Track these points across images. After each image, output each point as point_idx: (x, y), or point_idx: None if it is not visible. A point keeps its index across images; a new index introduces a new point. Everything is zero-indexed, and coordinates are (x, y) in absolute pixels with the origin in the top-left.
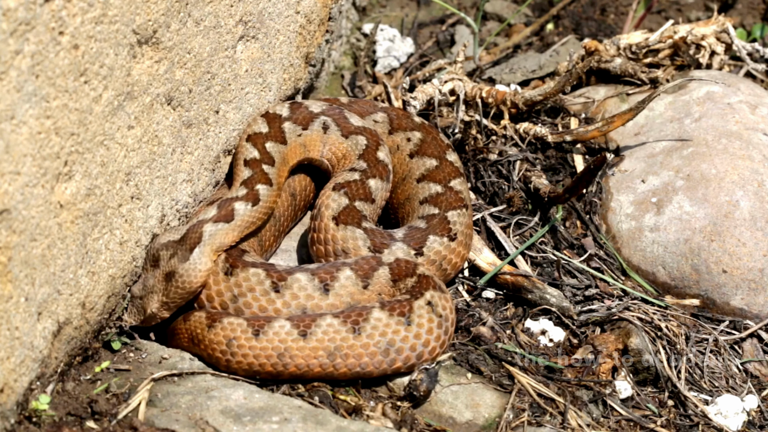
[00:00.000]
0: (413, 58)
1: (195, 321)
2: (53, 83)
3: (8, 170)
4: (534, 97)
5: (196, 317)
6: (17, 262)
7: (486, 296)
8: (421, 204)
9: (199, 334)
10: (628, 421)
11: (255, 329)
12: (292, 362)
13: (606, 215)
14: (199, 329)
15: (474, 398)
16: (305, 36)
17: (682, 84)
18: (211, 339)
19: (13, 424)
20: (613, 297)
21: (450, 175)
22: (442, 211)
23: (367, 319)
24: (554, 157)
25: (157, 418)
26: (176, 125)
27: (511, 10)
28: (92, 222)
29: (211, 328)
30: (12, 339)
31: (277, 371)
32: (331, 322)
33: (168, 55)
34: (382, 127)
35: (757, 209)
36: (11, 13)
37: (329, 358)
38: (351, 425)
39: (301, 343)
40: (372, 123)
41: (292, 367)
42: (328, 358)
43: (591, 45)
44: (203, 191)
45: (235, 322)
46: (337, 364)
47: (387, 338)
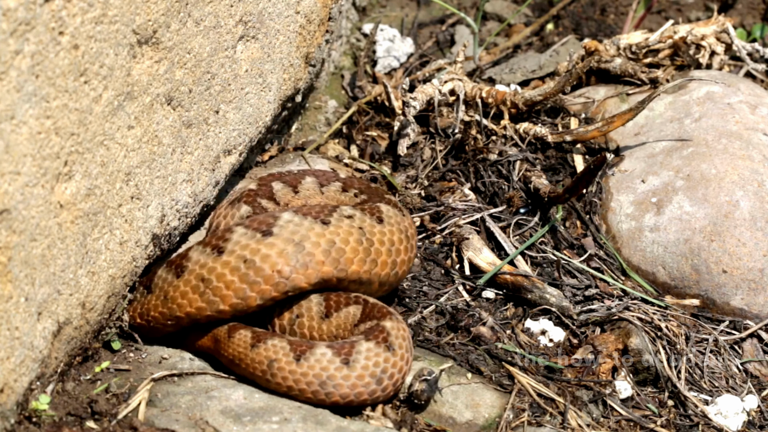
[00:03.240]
0: (413, 58)
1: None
2: (53, 83)
3: (8, 170)
4: (534, 97)
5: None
6: (17, 262)
7: (486, 296)
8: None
9: (242, 353)
10: (628, 421)
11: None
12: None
13: (606, 215)
14: (242, 348)
15: (474, 398)
16: (305, 36)
17: (682, 84)
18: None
19: (13, 424)
20: (613, 297)
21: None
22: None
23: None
24: (554, 157)
25: (157, 418)
26: (176, 125)
27: (511, 10)
28: (92, 222)
29: (254, 347)
30: (12, 339)
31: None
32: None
33: (168, 55)
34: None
35: (757, 209)
36: (11, 13)
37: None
38: (351, 425)
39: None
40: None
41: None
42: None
43: (591, 45)
44: (203, 191)
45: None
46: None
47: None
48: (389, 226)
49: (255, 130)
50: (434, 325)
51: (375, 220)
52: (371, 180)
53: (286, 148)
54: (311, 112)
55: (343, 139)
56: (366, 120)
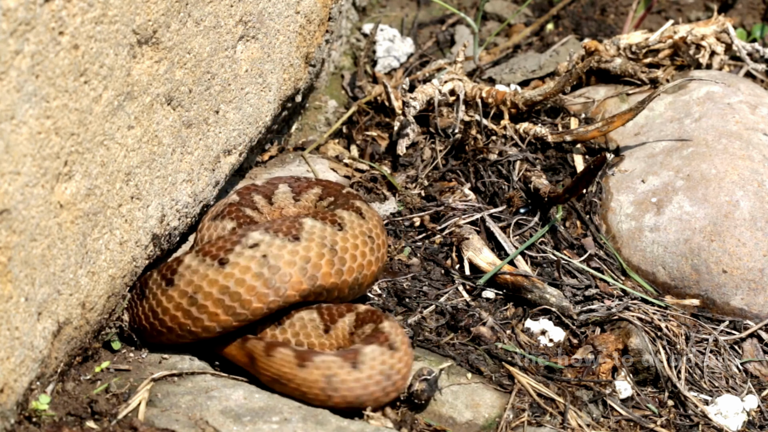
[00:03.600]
0: (413, 58)
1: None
2: (53, 83)
3: (8, 170)
4: (534, 97)
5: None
6: (17, 262)
7: (486, 296)
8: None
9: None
10: (628, 421)
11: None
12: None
13: (606, 215)
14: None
15: (474, 398)
16: (305, 36)
17: (682, 84)
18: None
19: (13, 424)
20: (613, 297)
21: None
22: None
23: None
24: (554, 157)
25: (157, 418)
26: (176, 125)
27: (511, 10)
28: (92, 222)
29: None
30: (12, 339)
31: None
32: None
33: (168, 55)
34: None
35: (757, 209)
36: (11, 13)
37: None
38: (351, 425)
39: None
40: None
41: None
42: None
43: (591, 45)
44: (203, 191)
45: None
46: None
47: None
48: (351, 231)
49: (255, 130)
50: (434, 325)
51: (336, 228)
52: (371, 180)
53: (286, 148)
54: (311, 112)
55: (343, 139)
56: (366, 120)
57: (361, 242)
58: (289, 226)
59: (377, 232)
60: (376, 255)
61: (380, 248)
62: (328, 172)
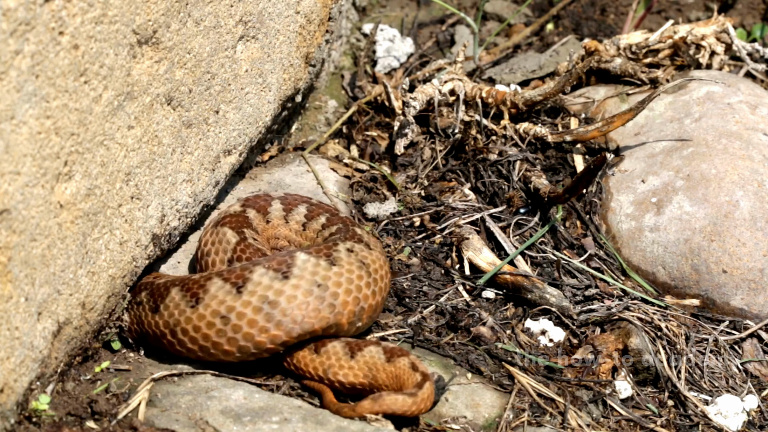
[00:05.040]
0: (413, 58)
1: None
2: (53, 83)
3: (8, 170)
4: (534, 97)
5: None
6: (17, 262)
7: (486, 296)
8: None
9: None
10: (628, 421)
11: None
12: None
13: (606, 215)
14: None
15: (474, 398)
16: (305, 36)
17: (682, 84)
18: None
19: (13, 424)
20: (613, 297)
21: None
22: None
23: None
24: (554, 157)
25: (157, 418)
26: (176, 125)
27: (511, 10)
28: (92, 222)
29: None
30: (12, 339)
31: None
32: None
33: (168, 55)
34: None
35: (757, 209)
36: (11, 13)
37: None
38: (351, 425)
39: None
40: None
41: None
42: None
43: (591, 45)
44: (203, 191)
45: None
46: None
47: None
48: (347, 266)
49: (255, 130)
50: (434, 325)
51: (328, 263)
52: (371, 180)
53: (286, 148)
54: (311, 112)
55: (343, 139)
56: (366, 120)
57: (357, 276)
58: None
59: (376, 266)
60: (372, 289)
61: (378, 282)
62: (328, 172)
